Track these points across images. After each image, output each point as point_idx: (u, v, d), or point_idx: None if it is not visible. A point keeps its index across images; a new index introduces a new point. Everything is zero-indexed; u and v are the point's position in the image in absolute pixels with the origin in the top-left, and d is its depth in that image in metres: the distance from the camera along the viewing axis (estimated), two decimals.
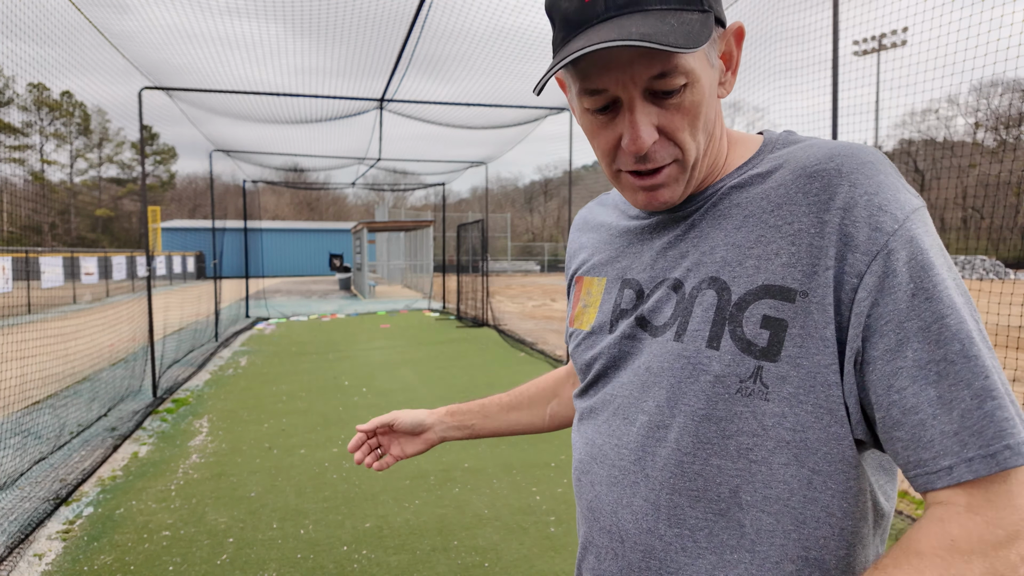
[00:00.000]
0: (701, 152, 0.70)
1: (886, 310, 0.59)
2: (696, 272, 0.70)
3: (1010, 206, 11.23)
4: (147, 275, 6.75)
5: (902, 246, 0.60)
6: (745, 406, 0.64)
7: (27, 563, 3.15)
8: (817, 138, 0.72)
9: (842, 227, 0.62)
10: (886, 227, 0.60)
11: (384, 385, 7.06)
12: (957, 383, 0.57)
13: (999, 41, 3.30)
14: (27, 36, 4.28)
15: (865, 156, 0.64)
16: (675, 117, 0.66)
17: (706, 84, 0.67)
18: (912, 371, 0.58)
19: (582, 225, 0.97)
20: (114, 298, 18.05)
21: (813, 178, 0.65)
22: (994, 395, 0.56)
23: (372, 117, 9.61)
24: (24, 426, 5.20)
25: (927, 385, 0.57)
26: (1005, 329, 4.51)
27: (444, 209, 16.75)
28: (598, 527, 0.77)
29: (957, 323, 0.58)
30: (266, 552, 3.24)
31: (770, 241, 0.66)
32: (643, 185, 0.71)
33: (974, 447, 0.55)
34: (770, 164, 0.71)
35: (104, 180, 48.19)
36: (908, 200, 0.62)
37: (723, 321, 0.66)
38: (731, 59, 0.73)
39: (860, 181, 0.63)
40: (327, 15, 5.84)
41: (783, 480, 0.64)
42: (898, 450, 0.60)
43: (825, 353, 0.62)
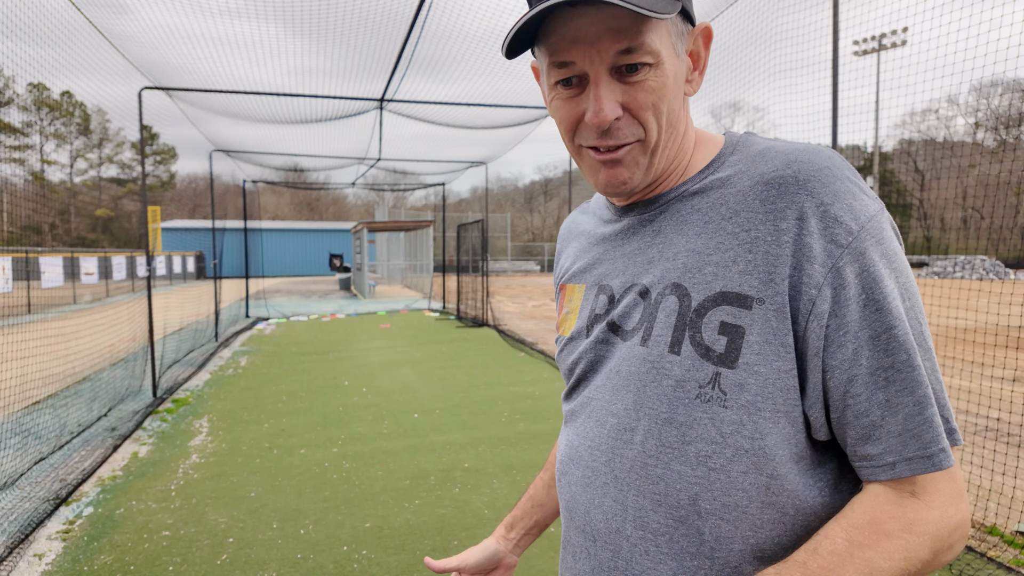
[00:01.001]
0: (663, 138, 0.71)
1: (843, 321, 0.62)
2: (661, 278, 0.72)
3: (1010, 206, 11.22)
4: (147, 275, 6.76)
5: (855, 259, 0.62)
6: (704, 412, 0.66)
7: (27, 563, 3.15)
8: (777, 140, 0.73)
9: (799, 237, 0.63)
10: (840, 239, 0.63)
11: (384, 385, 7.06)
12: (902, 390, 0.62)
13: (999, 41, 3.30)
14: (27, 36, 4.28)
15: (821, 161, 0.66)
16: (639, 95, 0.67)
17: (670, 71, 0.68)
18: (865, 378, 0.62)
19: (566, 234, 0.98)
20: (114, 298, 18.05)
21: (770, 186, 0.66)
22: (931, 403, 0.62)
23: (372, 117, 9.61)
24: (24, 426, 5.20)
25: (877, 390, 0.62)
26: (1005, 329, 4.52)
27: (444, 209, 16.75)
28: (574, 526, 0.79)
29: (903, 334, 0.62)
30: (266, 552, 3.24)
31: (728, 248, 0.67)
32: (603, 160, 0.71)
33: (912, 448, 0.62)
34: (730, 169, 0.72)
35: (104, 180, 48.21)
36: (863, 208, 0.64)
37: (684, 327, 0.67)
38: (698, 59, 0.75)
39: (816, 190, 0.64)
40: (326, 16, 5.84)
41: (742, 488, 0.65)
42: (848, 443, 0.65)
43: (784, 359, 0.63)
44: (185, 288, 24.70)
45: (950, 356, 8.42)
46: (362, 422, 5.56)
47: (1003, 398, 5.76)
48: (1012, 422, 5.23)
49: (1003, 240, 17.14)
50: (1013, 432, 5.04)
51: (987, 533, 3.34)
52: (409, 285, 25.55)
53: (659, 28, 0.67)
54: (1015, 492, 3.83)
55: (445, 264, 18.14)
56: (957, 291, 8.41)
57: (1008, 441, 4.81)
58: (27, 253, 14.50)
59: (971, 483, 3.96)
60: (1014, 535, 3.30)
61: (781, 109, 4.82)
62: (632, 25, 0.64)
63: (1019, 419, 5.24)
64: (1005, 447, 4.58)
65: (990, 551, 3.12)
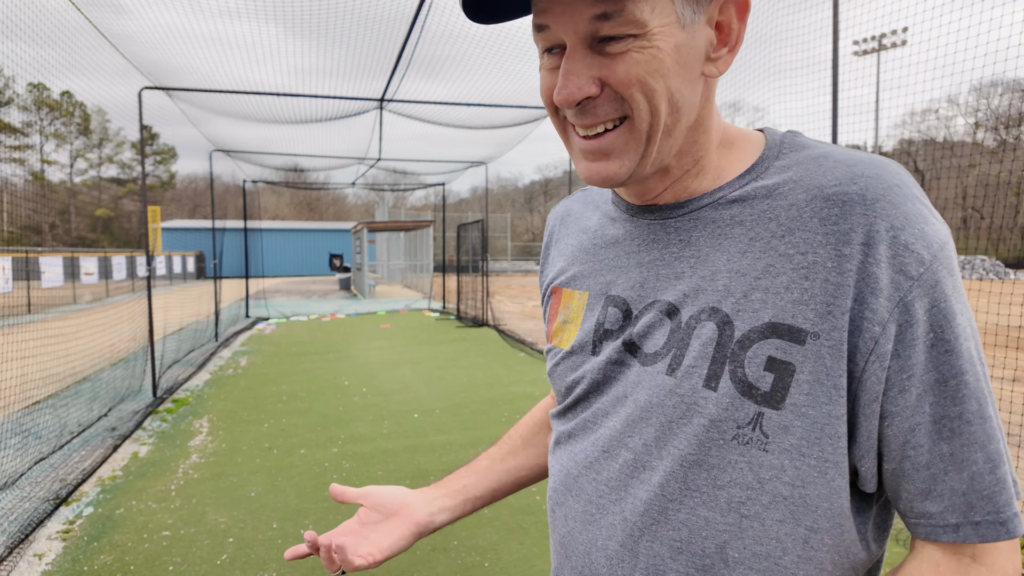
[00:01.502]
0: (660, 123, 0.59)
1: (907, 363, 0.55)
2: (694, 299, 0.63)
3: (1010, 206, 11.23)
4: (147, 275, 6.76)
5: (926, 292, 0.55)
6: (741, 455, 0.58)
7: (27, 563, 3.15)
8: (829, 146, 0.64)
9: (864, 266, 0.55)
10: (911, 271, 0.55)
11: (384, 385, 7.06)
12: (971, 443, 0.55)
13: (999, 41, 3.31)
14: (27, 36, 4.29)
15: (891, 179, 0.58)
16: (619, 67, 0.57)
17: (666, 44, 0.57)
18: (928, 427, 0.56)
19: (559, 225, 0.86)
20: (114, 298, 18.05)
21: (832, 202, 0.58)
22: (1003, 460, 0.56)
23: (372, 117, 9.61)
24: (24, 426, 5.20)
25: (941, 441, 0.55)
26: (1005, 329, 4.51)
27: (444, 209, 16.75)
28: (569, 566, 0.71)
29: (975, 380, 0.55)
30: (266, 552, 3.24)
31: (780, 272, 0.58)
32: (585, 149, 0.62)
33: (982, 512, 0.55)
34: (778, 176, 0.62)
35: (104, 180, 48.22)
36: (935, 234, 0.56)
37: (723, 359, 0.59)
38: (729, 32, 0.62)
39: (886, 211, 0.56)
40: (326, 16, 5.84)
41: (776, 538, 0.59)
42: (903, 498, 0.59)
43: (836, 403, 0.56)
44: (185, 288, 24.71)
45: None
46: (362, 422, 5.56)
47: (1003, 398, 5.76)
48: (1012, 422, 5.23)
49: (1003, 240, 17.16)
50: (1013, 432, 5.04)
51: None
52: (409, 285, 25.56)
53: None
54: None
55: (445, 264, 18.15)
56: None
57: (1008, 441, 4.81)
58: (27, 253, 14.50)
59: None
60: None
61: (781, 109, 4.83)
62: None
63: (1019, 419, 5.24)
64: None
65: None
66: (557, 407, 0.79)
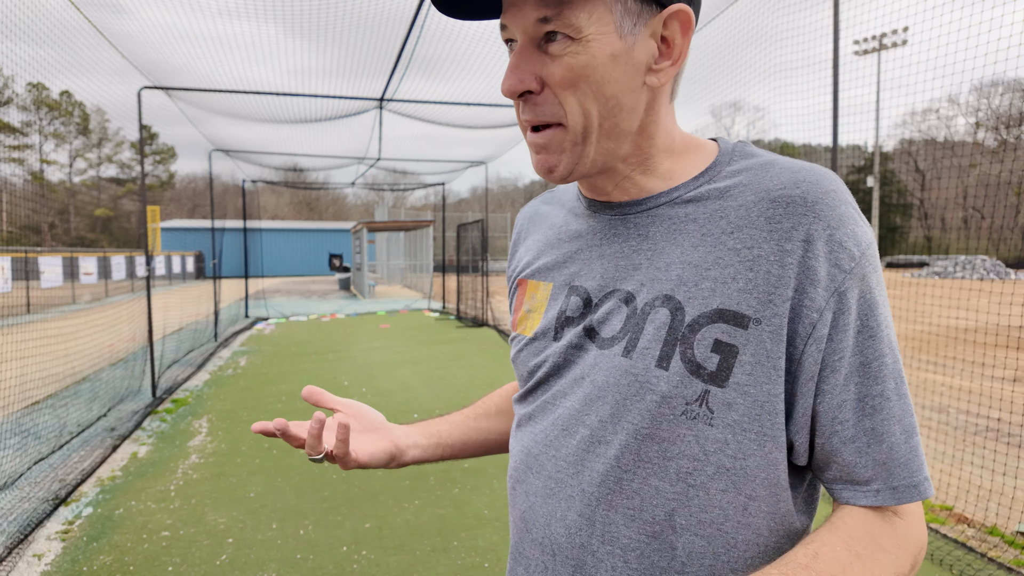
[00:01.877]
0: (593, 125, 0.65)
1: (839, 346, 0.62)
2: (650, 288, 0.68)
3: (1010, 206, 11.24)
4: (146, 275, 6.75)
5: (856, 284, 0.63)
6: (688, 429, 0.64)
7: (26, 563, 3.15)
8: (775, 155, 0.70)
9: (804, 260, 0.62)
10: (844, 265, 0.62)
11: (384, 385, 7.05)
12: (890, 418, 0.63)
13: (999, 41, 3.30)
14: (26, 36, 4.28)
15: (828, 184, 0.65)
16: (556, 70, 0.64)
17: (601, 51, 0.63)
18: (854, 404, 0.63)
19: (526, 224, 0.92)
20: (113, 298, 18.05)
21: (776, 204, 0.64)
22: (916, 432, 0.65)
23: (372, 117, 9.61)
24: (24, 426, 5.19)
25: (864, 417, 0.63)
26: (1005, 329, 4.51)
27: (444, 209, 16.75)
28: (530, 538, 0.75)
29: (893, 362, 0.64)
30: (265, 552, 3.24)
31: (728, 264, 0.64)
32: (530, 142, 0.69)
33: (899, 477, 0.63)
34: (729, 180, 0.69)
35: (103, 180, 48.19)
36: (864, 235, 0.64)
37: (675, 341, 0.65)
38: (672, 46, 0.67)
39: (823, 213, 0.63)
40: (325, 16, 5.84)
41: (719, 506, 0.64)
42: (831, 468, 0.66)
43: (775, 383, 0.62)
44: (184, 288, 24.70)
45: (950, 356, 8.42)
46: None
47: (1003, 398, 5.76)
48: (1012, 422, 5.23)
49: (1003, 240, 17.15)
50: (1013, 432, 5.04)
51: (987, 533, 3.33)
52: (409, 285, 25.55)
53: (591, 3, 0.62)
54: (1015, 492, 3.83)
55: (445, 264, 18.15)
56: (957, 291, 8.41)
57: (1008, 441, 4.80)
58: (26, 253, 14.50)
59: (971, 483, 3.96)
60: (1014, 535, 3.30)
61: (781, 109, 4.82)
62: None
63: (1019, 419, 5.23)
64: (1005, 447, 4.57)
65: (990, 551, 3.11)
66: (519, 392, 0.83)
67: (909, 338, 10.07)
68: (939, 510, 3.63)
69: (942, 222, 42.15)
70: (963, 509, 3.63)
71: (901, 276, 24.32)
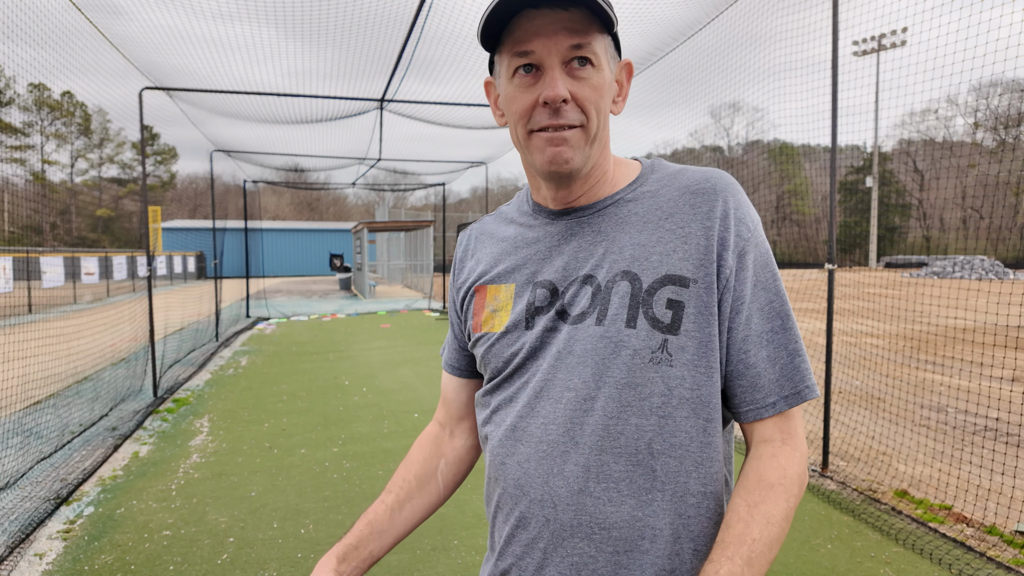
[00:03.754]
0: (600, 132, 0.85)
1: (741, 294, 0.82)
2: (608, 268, 0.85)
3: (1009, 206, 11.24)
4: (148, 275, 6.76)
5: (753, 248, 0.84)
6: (656, 372, 0.80)
7: (28, 563, 3.16)
8: (684, 165, 0.92)
9: (720, 232, 0.83)
10: (744, 234, 0.84)
11: (384, 385, 7.06)
12: (781, 347, 0.83)
13: (998, 41, 3.31)
14: (28, 38, 4.29)
15: (729, 179, 0.87)
16: (584, 88, 0.82)
17: (605, 79, 0.83)
18: (755, 338, 0.82)
19: (473, 241, 1.04)
20: (115, 298, 18.06)
21: (696, 194, 0.86)
22: (799, 353, 0.83)
23: (372, 117, 9.62)
24: (26, 426, 5.21)
25: (761, 347, 0.82)
26: (1005, 329, 4.52)
27: (444, 209, 16.76)
28: (527, 500, 0.85)
29: (781, 305, 0.84)
30: (266, 552, 3.25)
31: (668, 241, 0.84)
32: (551, 139, 0.83)
33: (788, 388, 0.82)
34: (654, 184, 0.90)
35: (105, 180, 48.20)
36: (755, 216, 0.87)
37: (637, 305, 0.82)
38: (622, 87, 0.90)
39: (729, 198, 0.85)
40: (324, 19, 5.84)
41: (685, 430, 0.81)
42: (737, 393, 0.84)
43: (712, 326, 0.81)
44: (186, 288, 24.71)
45: (950, 356, 8.43)
46: (362, 422, 5.57)
47: (1003, 398, 5.77)
48: (1012, 422, 5.23)
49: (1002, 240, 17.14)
50: (1012, 432, 5.05)
51: (987, 533, 3.34)
52: (409, 285, 25.55)
53: (602, 41, 0.82)
54: (1015, 492, 3.83)
55: (445, 264, 18.15)
56: (957, 291, 8.41)
57: (1008, 441, 4.81)
58: (28, 253, 14.51)
59: (970, 483, 3.97)
60: (1013, 535, 3.31)
61: (781, 109, 4.83)
62: (583, 28, 0.80)
63: (1019, 419, 5.24)
64: (1005, 447, 4.58)
65: (990, 551, 3.12)
66: (488, 385, 0.95)
67: (908, 338, 10.08)
68: (938, 509, 3.64)
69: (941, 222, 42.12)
70: (962, 508, 3.64)
71: (900, 276, 24.31)
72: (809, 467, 4.31)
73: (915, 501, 3.75)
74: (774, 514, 0.77)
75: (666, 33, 6.19)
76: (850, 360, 8.12)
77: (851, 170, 38.93)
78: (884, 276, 23.23)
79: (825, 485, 4.03)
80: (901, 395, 6.22)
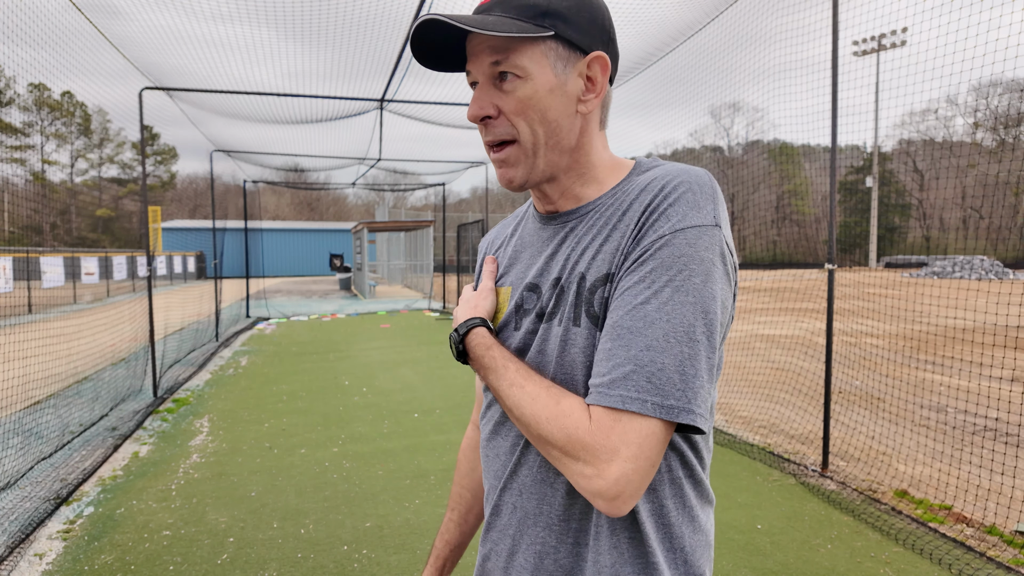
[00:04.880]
0: (540, 141, 0.85)
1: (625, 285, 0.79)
2: (570, 270, 0.87)
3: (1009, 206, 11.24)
4: (148, 275, 6.76)
5: (661, 247, 0.78)
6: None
7: (27, 563, 3.16)
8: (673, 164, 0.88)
9: (640, 221, 0.81)
10: (660, 231, 0.78)
11: (384, 385, 7.06)
12: (624, 346, 0.76)
13: (998, 41, 3.31)
14: (28, 38, 4.29)
15: (690, 180, 0.81)
16: (508, 101, 0.84)
17: (542, 85, 0.83)
18: (609, 330, 0.78)
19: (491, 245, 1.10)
20: (115, 298, 18.06)
21: (646, 192, 0.83)
22: (634, 363, 0.75)
23: (372, 117, 9.62)
24: (26, 426, 5.21)
25: (607, 340, 0.78)
26: (1004, 329, 4.52)
27: (444, 209, 16.75)
28: (500, 488, 0.92)
29: (654, 310, 0.75)
30: (266, 552, 3.25)
31: (613, 240, 0.84)
32: (493, 158, 0.88)
33: (597, 382, 0.77)
34: (632, 185, 0.88)
35: (104, 180, 48.20)
36: (692, 218, 0.78)
37: (580, 304, 0.84)
38: (595, 83, 0.87)
39: (669, 195, 0.80)
40: (321, 20, 5.84)
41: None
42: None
43: None
44: (186, 288, 24.71)
45: (950, 356, 8.43)
46: (362, 422, 5.57)
47: (1003, 398, 5.77)
48: (1012, 422, 5.24)
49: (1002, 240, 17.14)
50: (1011, 432, 5.05)
51: (987, 533, 3.35)
52: (409, 285, 25.55)
53: (531, 50, 0.82)
54: (1014, 492, 3.84)
55: (445, 264, 18.15)
56: (956, 291, 8.41)
57: (1008, 441, 4.81)
58: (28, 253, 14.51)
59: (970, 483, 3.97)
60: (1013, 535, 3.31)
61: (781, 109, 4.83)
62: (504, 45, 0.82)
63: (1019, 419, 5.24)
64: (1004, 447, 4.58)
65: (989, 551, 3.12)
66: None
67: (908, 338, 10.08)
68: (938, 509, 3.64)
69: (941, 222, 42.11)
70: (962, 508, 3.65)
71: (900, 276, 24.31)
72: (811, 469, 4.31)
73: (915, 501, 3.75)
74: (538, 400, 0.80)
75: (666, 34, 6.19)
76: (850, 360, 8.12)
77: (851, 170, 38.94)
78: (884, 276, 23.23)
79: (825, 485, 4.03)
80: (901, 395, 6.22)
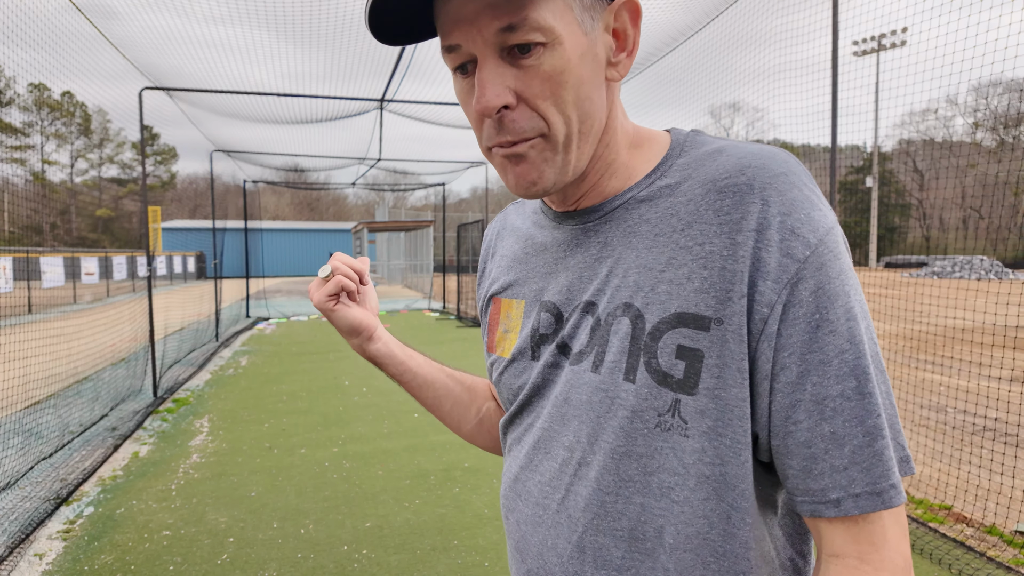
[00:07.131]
0: (574, 130, 0.63)
1: (789, 341, 0.57)
2: (610, 296, 0.66)
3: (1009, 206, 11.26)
4: (148, 275, 6.76)
5: (811, 275, 0.57)
6: (665, 441, 0.61)
7: (27, 563, 3.16)
8: (726, 140, 0.66)
9: (755, 251, 0.58)
10: (797, 254, 0.57)
11: (384, 385, 7.06)
12: (850, 420, 0.56)
13: (998, 41, 3.31)
14: (27, 38, 4.29)
15: (778, 167, 0.60)
16: (533, 82, 0.59)
17: (573, 50, 0.60)
18: (809, 405, 0.57)
19: (495, 238, 0.91)
20: (115, 298, 18.06)
21: (724, 194, 0.61)
22: (883, 434, 0.57)
23: (372, 117, 9.62)
24: (26, 426, 5.21)
25: (822, 420, 0.57)
26: (1004, 329, 4.52)
27: (444, 209, 16.75)
28: (524, 568, 0.73)
29: (856, 358, 0.57)
30: (266, 552, 3.25)
31: (681, 264, 0.61)
32: (507, 156, 0.64)
33: (861, 484, 0.56)
34: (679, 174, 0.66)
35: (104, 180, 48.23)
36: (821, 220, 0.59)
37: (638, 352, 0.62)
38: (625, 37, 0.65)
39: (772, 199, 0.59)
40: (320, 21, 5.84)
41: (703, 515, 0.61)
42: (789, 476, 0.60)
43: (741, 386, 0.59)
44: (186, 288, 24.70)
45: (950, 356, 8.43)
46: (362, 422, 5.57)
47: (1003, 398, 5.77)
48: (1011, 422, 5.24)
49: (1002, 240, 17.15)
50: (1011, 432, 5.05)
51: (987, 533, 3.35)
52: (409, 285, 25.55)
53: (551, 1, 0.58)
54: (1014, 492, 3.84)
55: (445, 264, 18.16)
56: (956, 291, 8.41)
57: (1007, 441, 4.81)
58: (28, 253, 14.52)
59: (971, 483, 3.97)
60: (1013, 535, 3.31)
61: (781, 109, 4.83)
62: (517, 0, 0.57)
63: (1019, 419, 5.24)
64: (1004, 447, 4.58)
65: (990, 551, 3.12)
66: (506, 416, 0.81)
67: (908, 338, 10.08)
68: (938, 509, 3.64)
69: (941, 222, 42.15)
70: (962, 508, 3.65)
71: (900, 276, 24.32)
72: None
73: (915, 501, 3.75)
74: None
75: (666, 34, 6.20)
76: None
77: (851, 170, 38.95)
78: (884, 276, 23.23)
79: None
80: (901, 395, 6.22)
